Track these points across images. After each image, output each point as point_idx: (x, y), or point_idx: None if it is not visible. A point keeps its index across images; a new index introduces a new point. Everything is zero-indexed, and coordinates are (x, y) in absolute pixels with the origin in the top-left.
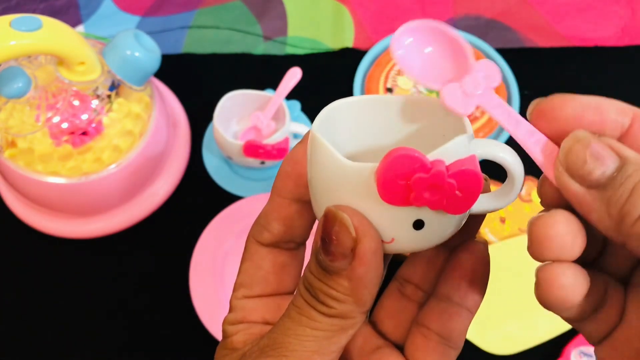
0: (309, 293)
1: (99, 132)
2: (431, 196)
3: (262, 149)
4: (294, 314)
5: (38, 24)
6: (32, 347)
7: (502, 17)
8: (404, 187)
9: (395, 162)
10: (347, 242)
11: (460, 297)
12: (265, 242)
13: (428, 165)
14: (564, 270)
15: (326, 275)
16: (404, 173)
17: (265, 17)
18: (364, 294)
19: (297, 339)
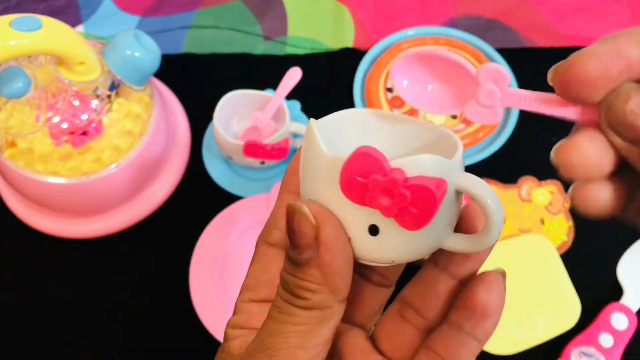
0: (286, 290)
1: (99, 132)
2: (384, 201)
3: (262, 149)
4: (275, 313)
5: (38, 24)
6: (32, 347)
7: (502, 17)
8: (361, 185)
9: (357, 159)
10: (309, 231)
11: (471, 327)
12: (274, 241)
13: (387, 169)
14: (595, 192)
15: (297, 268)
16: (363, 171)
17: (265, 17)
18: (336, 280)
19: (281, 337)
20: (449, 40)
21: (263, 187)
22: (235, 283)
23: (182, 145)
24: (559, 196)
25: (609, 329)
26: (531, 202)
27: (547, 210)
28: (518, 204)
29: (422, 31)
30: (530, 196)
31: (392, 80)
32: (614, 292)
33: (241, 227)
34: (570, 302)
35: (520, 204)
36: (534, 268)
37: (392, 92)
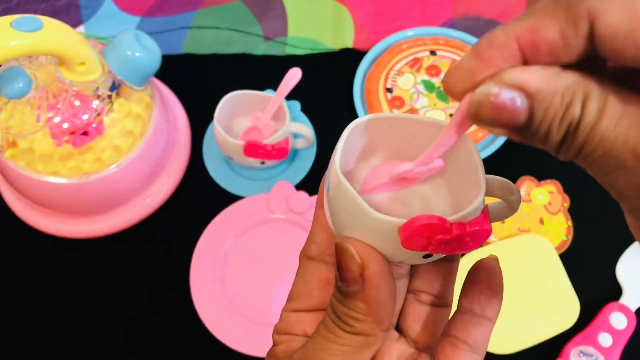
0: (335, 314)
1: (100, 132)
2: (446, 248)
3: (262, 149)
4: (323, 331)
5: (39, 25)
6: (32, 347)
7: (501, 18)
8: (425, 241)
9: (420, 229)
10: (355, 268)
11: (481, 309)
12: (313, 254)
13: (448, 227)
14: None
15: (345, 299)
16: (427, 236)
17: (266, 17)
18: (380, 312)
19: (326, 353)
20: (448, 41)
21: (263, 187)
22: (235, 283)
23: (183, 145)
24: (558, 196)
25: (608, 328)
26: (530, 202)
27: (547, 210)
28: None
29: (422, 32)
30: (529, 196)
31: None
32: (613, 291)
33: (241, 227)
34: (569, 301)
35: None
36: (533, 268)
37: (391, 92)
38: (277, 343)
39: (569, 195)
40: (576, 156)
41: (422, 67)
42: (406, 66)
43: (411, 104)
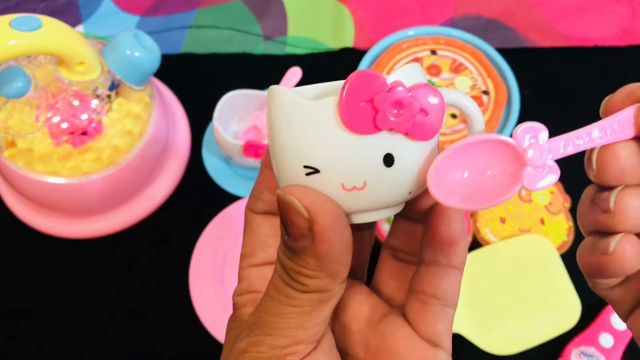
0: (284, 272)
1: (99, 132)
2: (397, 116)
3: (262, 149)
4: (273, 292)
5: (38, 24)
6: (31, 347)
7: (502, 17)
8: (367, 111)
9: (357, 83)
10: (302, 224)
11: (446, 259)
12: (260, 210)
13: (389, 84)
14: (635, 242)
15: (294, 255)
16: (365, 92)
17: (265, 16)
18: (334, 267)
19: (279, 317)
20: (449, 40)
21: None
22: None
23: (182, 145)
24: (559, 196)
25: (609, 329)
26: (531, 202)
27: (547, 210)
28: (518, 204)
29: (422, 31)
30: (530, 196)
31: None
32: None
33: (241, 227)
34: (570, 302)
35: (520, 204)
36: (534, 268)
37: None
38: (240, 305)
39: (570, 196)
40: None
41: (423, 67)
42: None
43: None
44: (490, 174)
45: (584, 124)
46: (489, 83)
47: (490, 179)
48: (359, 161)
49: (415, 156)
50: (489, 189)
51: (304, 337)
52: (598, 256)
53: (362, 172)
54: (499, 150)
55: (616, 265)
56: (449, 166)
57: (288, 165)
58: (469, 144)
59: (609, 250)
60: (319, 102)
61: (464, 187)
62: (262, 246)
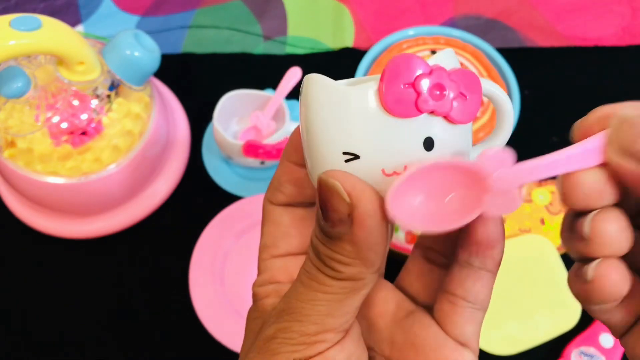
0: (317, 258)
1: (99, 132)
2: (438, 98)
3: (262, 149)
4: (304, 279)
5: (38, 24)
6: (31, 347)
7: (502, 17)
8: (409, 93)
9: (398, 65)
10: (343, 209)
11: (480, 261)
12: (279, 202)
13: (431, 67)
14: (616, 267)
15: (329, 240)
16: (406, 75)
17: (265, 16)
18: (370, 255)
19: (310, 304)
20: (449, 40)
21: (263, 187)
22: (235, 283)
23: (182, 145)
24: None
25: None
26: (531, 202)
27: (548, 210)
28: None
29: (422, 31)
30: (530, 196)
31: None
32: None
33: (241, 227)
34: (570, 302)
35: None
36: (534, 268)
37: None
38: (262, 296)
39: None
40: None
41: None
42: None
43: None
44: (453, 196)
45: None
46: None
47: (453, 202)
48: (399, 145)
49: (454, 139)
50: (450, 212)
51: (333, 325)
52: (582, 284)
53: (403, 156)
54: (464, 174)
55: (598, 292)
56: (409, 188)
57: (326, 152)
58: (432, 167)
59: (588, 278)
60: (358, 87)
61: (424, 209)
62: (284, 237)
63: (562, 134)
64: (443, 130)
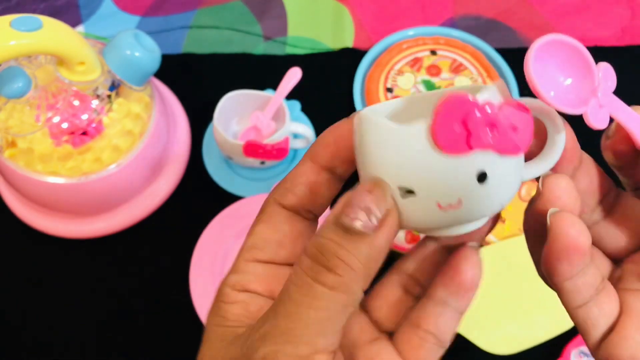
0: (316, 262)
1: (99, 132)
2: (491, 136)
3: (262, 149)
4: (296, 295)
5: (38, 24)
6: (31, 347)
7: (502, 17)
8: (460, 132)
9: (448, 107)
10: (381, 209)
11: (456, 301)
12: (288, 204)
13: (481, 104)
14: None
15: (346, 236)
16: (457, 115)
17: (265, 17)
18: (372, 267)
19: (301, 323)
20: (448, 41)
21: (263, 187)
22: None
23: (182, 145)
24: None
25: None
26: None
27: None
28: (518, 203)
29: (422, 31)
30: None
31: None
32: None
33: (241, 227)
34: None
35: (520, 204)
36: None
37: (392, 92)
38: (230, 300)
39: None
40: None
41: (423, 67)
42: (406, 66)
43: None
44: (571, 83)
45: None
46: (489, 83)
47: (569, 88)
48: (453, 181)
49: (506, 170)
50: (564, 96)
51: (324, 345)
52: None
53: (457, 191)
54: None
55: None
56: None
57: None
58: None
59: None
60: (411, 127)
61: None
62: (277, 245)
63: None
64: (495, 163)
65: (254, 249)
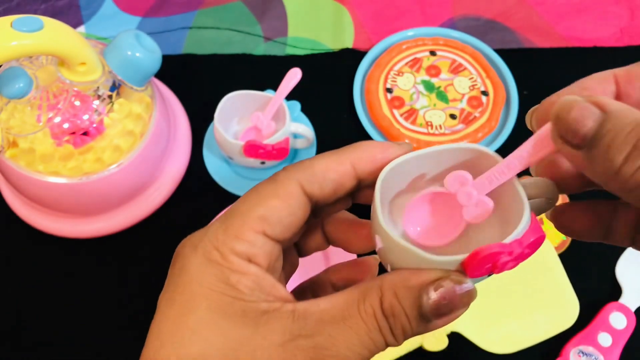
0: (388, 325)
1: (100, 132)
2: (510, 265)
3: (263, 149)
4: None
5: (39, 25)
6: (31, 347)
7: (501, 18)
8: (489, 268)
9: (483, 260)
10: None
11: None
12: (310, 193)
13: (509, 250)
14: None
15: (424, 324)
16: (490, 263)
17: (266, 17)
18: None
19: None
20: (448, 41)
21: None
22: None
23: (183, 145)
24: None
25: (608, 328)
26: None
27: None
28: None
29: (422, 32)
30: None
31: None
32: (613, 291)
33: None
34: (568, 301)
35: None
36: (532, 267)
37: (391, 92)
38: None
39: (568, 195)
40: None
41: (422, 68)
42: (406, 66)
43: (411, 104)
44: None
45: None
46: (488, 84)
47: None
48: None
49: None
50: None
51: None
52: None
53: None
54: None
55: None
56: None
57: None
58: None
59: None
60: (444, 259)
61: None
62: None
63: None
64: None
65: (264, 221)
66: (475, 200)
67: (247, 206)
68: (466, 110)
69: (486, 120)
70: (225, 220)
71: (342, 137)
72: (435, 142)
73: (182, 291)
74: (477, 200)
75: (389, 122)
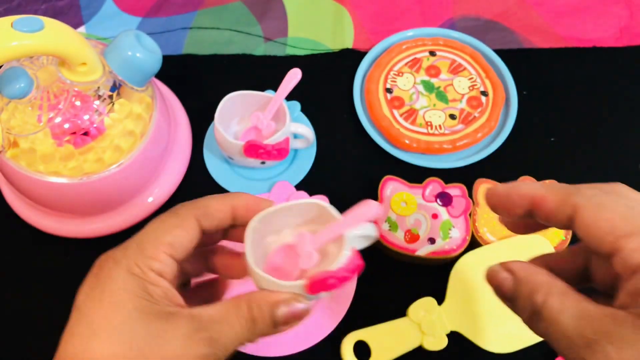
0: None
1: (101, 132)
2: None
3: (263, 149)
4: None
5: (40, 25)
6: (31, 347)
7: (500, 18)
8: (323, 288)
9: (318, 283)
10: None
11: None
12: (204, 226)
13: (332, 275)
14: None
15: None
16: (323, 285)
17: (266, 18)
18: None
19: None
20: (448, 41)
21: (263, 187)
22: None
23: (183, 145)
24: None
25: None
26: None
27: None
28: None
29: (421, 32)
30: None
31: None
32: None
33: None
34: None
35: None
36: None
37: (391, 92)
38: (156, 284)
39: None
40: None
41: (422, 68)
42: (406, 67)
43: (410, 104)
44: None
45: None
46: (488, 84)
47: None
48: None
49: None
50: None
51: None
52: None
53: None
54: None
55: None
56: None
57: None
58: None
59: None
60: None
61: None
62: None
63: (559, 135)
64: None
65: (171, 247)
66: (306, 254)
67: (157, 234)
68: (466, 111)
69: (486, 120)
70: (140, 244)
71: (342, 137)
72: (435, 142)
73: (111, 294)
74: (308, 253)
75: (389, 122)
